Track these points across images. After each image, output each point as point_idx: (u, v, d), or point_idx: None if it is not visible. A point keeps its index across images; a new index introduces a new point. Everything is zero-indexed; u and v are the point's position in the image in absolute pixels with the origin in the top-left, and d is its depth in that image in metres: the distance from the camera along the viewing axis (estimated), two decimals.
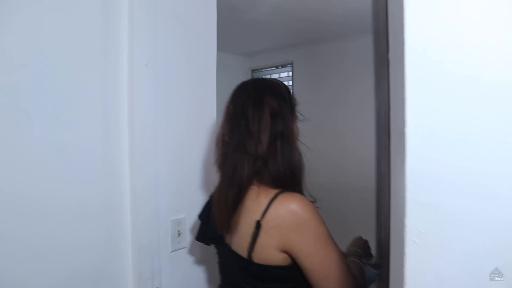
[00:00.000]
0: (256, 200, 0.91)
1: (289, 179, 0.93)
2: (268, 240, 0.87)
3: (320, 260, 0.86)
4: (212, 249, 1.42)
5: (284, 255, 0.88)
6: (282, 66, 4.65)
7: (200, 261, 1.33)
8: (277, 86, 1.01)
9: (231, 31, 3.77)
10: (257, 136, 0.92)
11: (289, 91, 1.03)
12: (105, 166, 1.08)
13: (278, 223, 0.86)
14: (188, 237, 1.28)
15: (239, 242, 0.93)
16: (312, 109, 4.43)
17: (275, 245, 0.87)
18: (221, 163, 0.99)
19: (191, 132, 1.29)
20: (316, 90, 4.22)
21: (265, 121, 0.93)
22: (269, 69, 4.81)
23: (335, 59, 4.07)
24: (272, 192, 0.90)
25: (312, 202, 0.91)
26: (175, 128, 1.23)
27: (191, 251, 1.30)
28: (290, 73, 4.53)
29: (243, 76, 4.89)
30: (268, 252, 0.88)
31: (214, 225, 1.00)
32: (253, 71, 4.92)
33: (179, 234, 1.24)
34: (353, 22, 3.52)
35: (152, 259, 1.15)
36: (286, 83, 4.57)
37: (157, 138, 1.16)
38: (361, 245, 1.15)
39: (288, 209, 0.86)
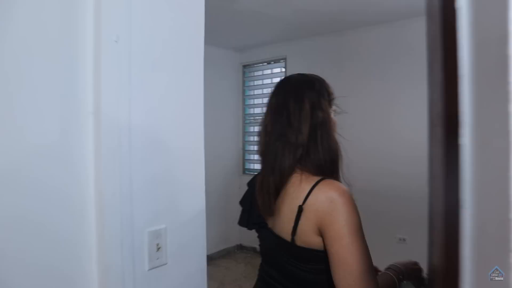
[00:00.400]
0: (299, 187, 0.97)
1: (329, 167, 1.01)
2: (308, 224, 0.94)
3: (341, 245, 0.88)
4: (199, 263, 1.22)
5: (321, 239, 0.93)
6: (275, 62, 4.44)
7: (184, 279, 1.12)
8: (316, 81, 1.08)
9: (221, 22, 3.55)
10: (298, 126, 1.00)
11: (328, 86, 1.10)
12: (63, 166, 0.86)
13: (316, 207, 0.92)
14: (170, 251, 1.06)
15: (282, 226, 1.00)
16: None
17: (313, 228, 0.93)
18: (263, 151, 1.07)
19: (174, 127, 1.08)
20: None
21: (305, 112, 1.00)
22: (261, 64, 4.61)
23: (331, 54, 3.88)
24: (314, 179, 0.97)
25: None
26: (154, 121, 1.02)
27: (174, 268, 1.08)
28: (283, 69, 4.33)
29: (234, 72, 4.68)
30: (308, 236, 0.94)
31: (257, 210, 1.07)
32: (244, 66, 4.71)
33: (158, 249, 1.03)
34: (350, 15, 3.33)
35: (123, 281, 0.94)
36: (279, 79, 4.37)
37: (131, 132, 0.94)
38: (409, 266, 1.12)
39: (327, 194, 0.92)
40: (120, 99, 0.91)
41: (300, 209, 0.94)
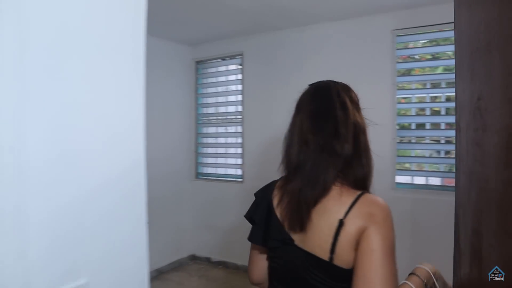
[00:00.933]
0: (339, 200, 0.92)
1: (369, 180, 0.99)
2: (347, 240, 0.89)
3: (370, 260, 0.84)
4: None
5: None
6: (231, 58, 4.13)
7: None
8: (352, 90, 1.07)
9: (171, 13, 3.17)
10: (345, 136, 0.95)
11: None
12: None
13: (357, 222, 0.88)
14: None
15: (318, 242, 0.94)
16: (264, 106, 4.00)
17: (351, 244, 0.88)
18: (299, 162, 0.98)
19: (99, 134, 0.74)
20: (269, 85, 3.76)
21: (350, 121, 0.97)
22: (215, 60, 4.28)
23: (292, 50, 3.64)
24: (355, 192, 0.93)
25: None
26: (64, 124, 0.68)
27: None
28: (240, 66, 4.04)
29: (186, 68, 4.30)
30: (348, 251, 0.89)
31: (278, 225, 1.01)
32: (197, 62, 4.35)
33: None
34: (312, 10, 3.10)
35: None
36: (234, 76, 4.02)
37: (24, 141, 0.60)
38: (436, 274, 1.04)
39: (370, 209, 0.89)
40: (3, 89, 0.56)
41: (341, 223, 0.89)
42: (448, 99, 3.09)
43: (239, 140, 4.05)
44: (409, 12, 2.97)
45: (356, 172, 0.96)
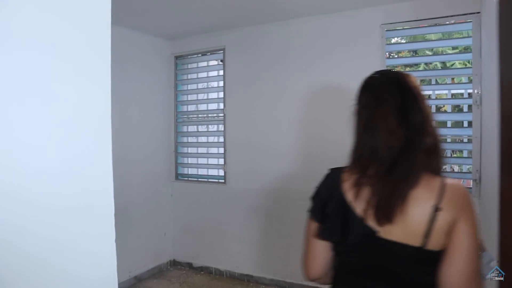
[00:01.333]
0: (427, 187, 0.97)
1: (442, 167, 1.05)
2: (442, 225, 0.94)
3: (468, 245, 0.93)
4: None
5: (448, 237, 0.95)
6: (212, 53, 3.93)
7: None
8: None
9: (149, 4, 2.94)
10: (429, 129, 1.02)
11: None
12: None
13: (452, 209, 0.94)
14: None
15: (409, 230, 0.97)
16: (247, 104, 3.82)
17: (447, 227, 0.94)
18: (386, 155, 1.00)
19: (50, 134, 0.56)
20: (252, 81, 3.58)
21: (428, 114, 1.03)
22: (196, 56, 4.07)
23: (276, 44, 3.47)
24: (438, 178, 0.99)
25: None
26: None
27: None
28: (221, 61, 3.84)
29: (164, 63, 4.06)
30: (443, 234, 0.94)
31: (357, 219, 1.01)
32: (177, 57, 4.13)
33: None
34: (299, 1, 2.94)
35: None
36: (216, 72, 3.80)
37: None
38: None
39: (461, 192, 0.97)
40: None
41: (437, 209, 0.94)
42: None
43: (221, 139, 3.86)
44: (399, 6, 2.85)
45: (435, 161, 1.02)
